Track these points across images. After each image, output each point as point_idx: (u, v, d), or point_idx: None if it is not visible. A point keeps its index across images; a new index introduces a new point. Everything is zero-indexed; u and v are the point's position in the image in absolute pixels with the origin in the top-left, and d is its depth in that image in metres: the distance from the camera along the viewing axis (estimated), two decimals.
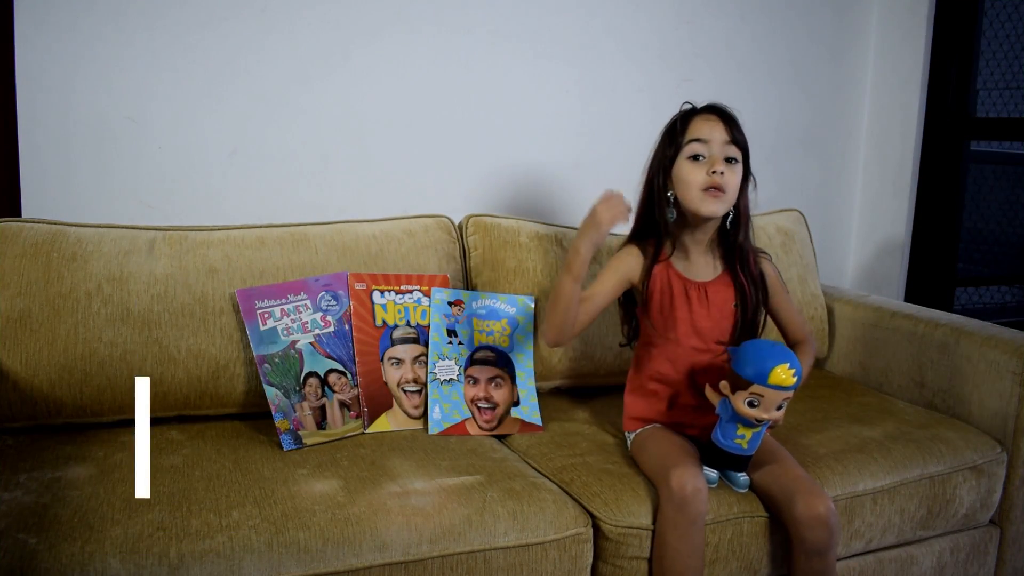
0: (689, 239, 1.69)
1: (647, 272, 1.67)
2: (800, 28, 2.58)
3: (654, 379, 1.70)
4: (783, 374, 1.45)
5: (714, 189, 1.59)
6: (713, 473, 1.56)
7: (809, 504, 1.48)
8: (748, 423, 1.50)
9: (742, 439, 1.51)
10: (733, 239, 1.67)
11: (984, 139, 3.04)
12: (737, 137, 1.62)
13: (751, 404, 1.47)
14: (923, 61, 2.57)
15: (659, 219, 1.67)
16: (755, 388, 1.46)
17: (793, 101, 2.61)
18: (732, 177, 1.60)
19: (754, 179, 1.68)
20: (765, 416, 1.47)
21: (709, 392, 1.59)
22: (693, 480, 1.46)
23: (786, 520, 1.53)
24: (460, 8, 2.18)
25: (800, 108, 2.63)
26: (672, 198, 1.65)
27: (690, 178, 1.60)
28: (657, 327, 1.67)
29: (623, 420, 1.75)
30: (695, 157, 1.61)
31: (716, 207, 1.60)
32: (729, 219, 1.66)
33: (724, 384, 1.53)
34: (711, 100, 1.67)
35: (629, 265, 1.69)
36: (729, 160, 1.61)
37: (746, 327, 1.68)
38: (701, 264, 1.69)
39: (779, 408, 1.49)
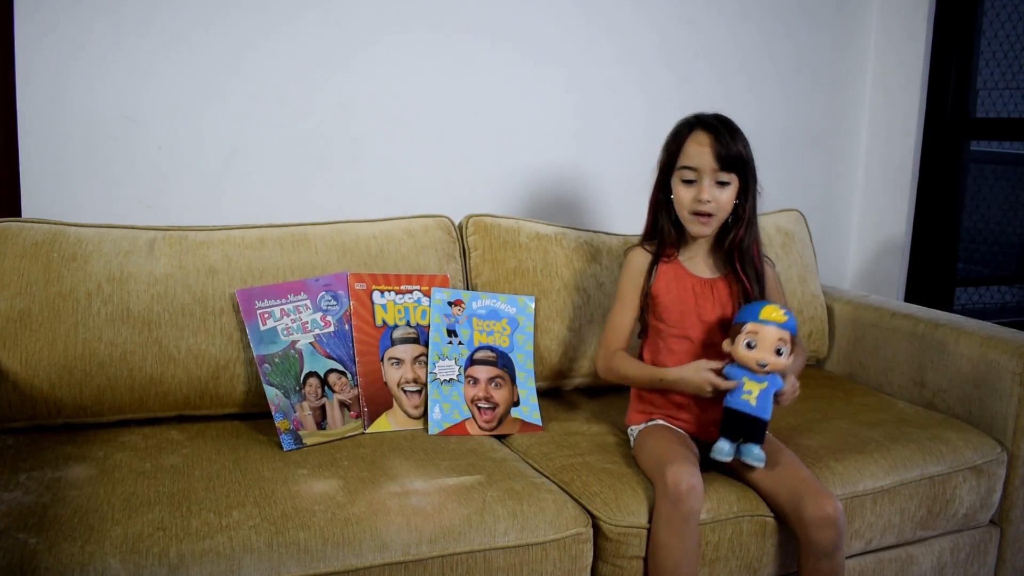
0: (692, 239, 1.72)
1: (650, 270, 1.72)
2: (800, 28, 2.58)
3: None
4: (773, 311, 1.54)
5: (700, 215, 1.65)
6: (727, 446, 1.54)
7: (818, 505, 1.49)
8: (754, 376, 1.53)
9: (749, 395, 1.53)
10: (732, 240, 1.69)
11: (984, 139, 3.05)
12: (729, 161, 1.62)
13: (749, 345, 1.53)
14: (923, 61, 2.57)
15: (662, 220, 1.72)
16: (749, 326, 1.54)
17: (793, 101, 2.61)
18: (722, 196, 1.65)
19: (761, 187, 1.69)
20: (765, 357, 1.52)
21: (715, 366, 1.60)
22: (689, 477, 1.47)
23: (793, 522, 1.53)
24: (460, 8, 2.18)
25: (800, 108, 2.63)
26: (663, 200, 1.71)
27: (682, 199, 1.66)
28: (668, 322, 1.69)
29: (627, 415, 1.76)
30: (687, 180, 1.65)
31: (702, 230, 1.67)
32: (729, 220, 1.70)
33: (726, 342, 1.58)
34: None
35: (639, 270, 1.73)
36: (720, 183, 1.64)
37: None
38: (705, 261, 1.73)
39: (779, 353, 1.53)
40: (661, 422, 1.68)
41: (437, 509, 1.43)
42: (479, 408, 1.81)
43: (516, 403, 1.84)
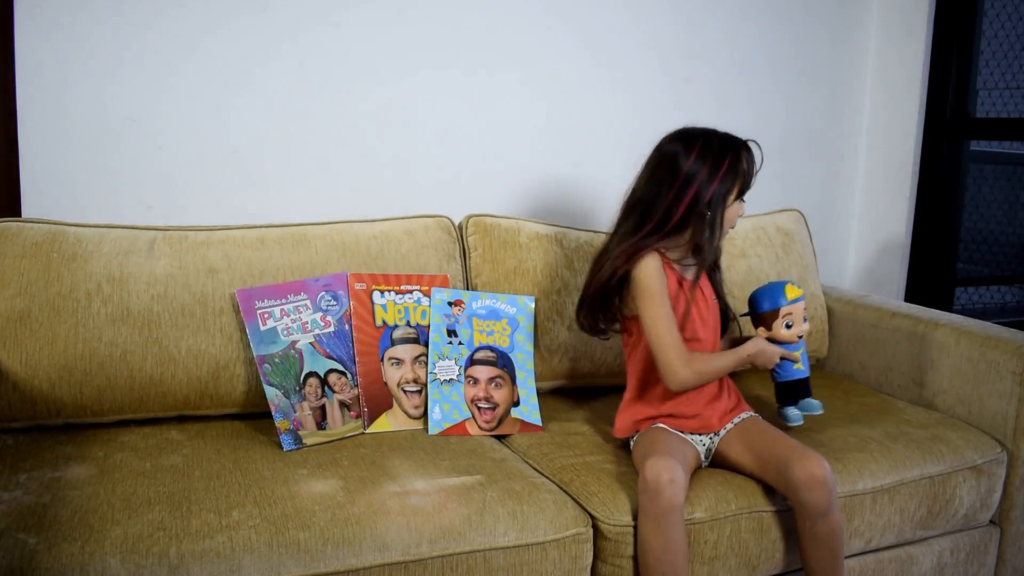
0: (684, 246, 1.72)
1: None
2: (800, 28, 2.58)
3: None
4: (794, 290, 1.73)
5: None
6: (796, 411, 1.73)
7: (805, 466, 1.51)
8: (792, 347, 1.72)
9: (796, 363, 1.73)
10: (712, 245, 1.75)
11: (984, 139, 3.04)
12: None
13: (788, 326, 1.71)
14: (923, 61, 2.57)
15: (696, 232, 1.66)
16: (784, 310, 1.71)
17: (793, 101, 2.61)
18: None
19: None
20: (801, 329, 1.72)
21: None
22: (667, 471, 1.46)
23: (784, 487, 1.55)
24: (459, 8, 2.18)
25: (800, 108, 2.63)
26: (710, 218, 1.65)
27: (735, 216, 1.70)
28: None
29: (623, 426, 1.73)
30: (742, 200, 1.70)
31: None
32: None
33: (761, 330, 1.73)
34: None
35: (660, 274, 1.66)
36: None
37: (727, 315, 1.81)
38: (686, 264, 1.74)
39: (805, 320, 1.73)
40: (661, 426, 1.68)
41: (437, 509, 1.43)
42: (479, 408, 1.81)
43: (516, 403, 1.84)
